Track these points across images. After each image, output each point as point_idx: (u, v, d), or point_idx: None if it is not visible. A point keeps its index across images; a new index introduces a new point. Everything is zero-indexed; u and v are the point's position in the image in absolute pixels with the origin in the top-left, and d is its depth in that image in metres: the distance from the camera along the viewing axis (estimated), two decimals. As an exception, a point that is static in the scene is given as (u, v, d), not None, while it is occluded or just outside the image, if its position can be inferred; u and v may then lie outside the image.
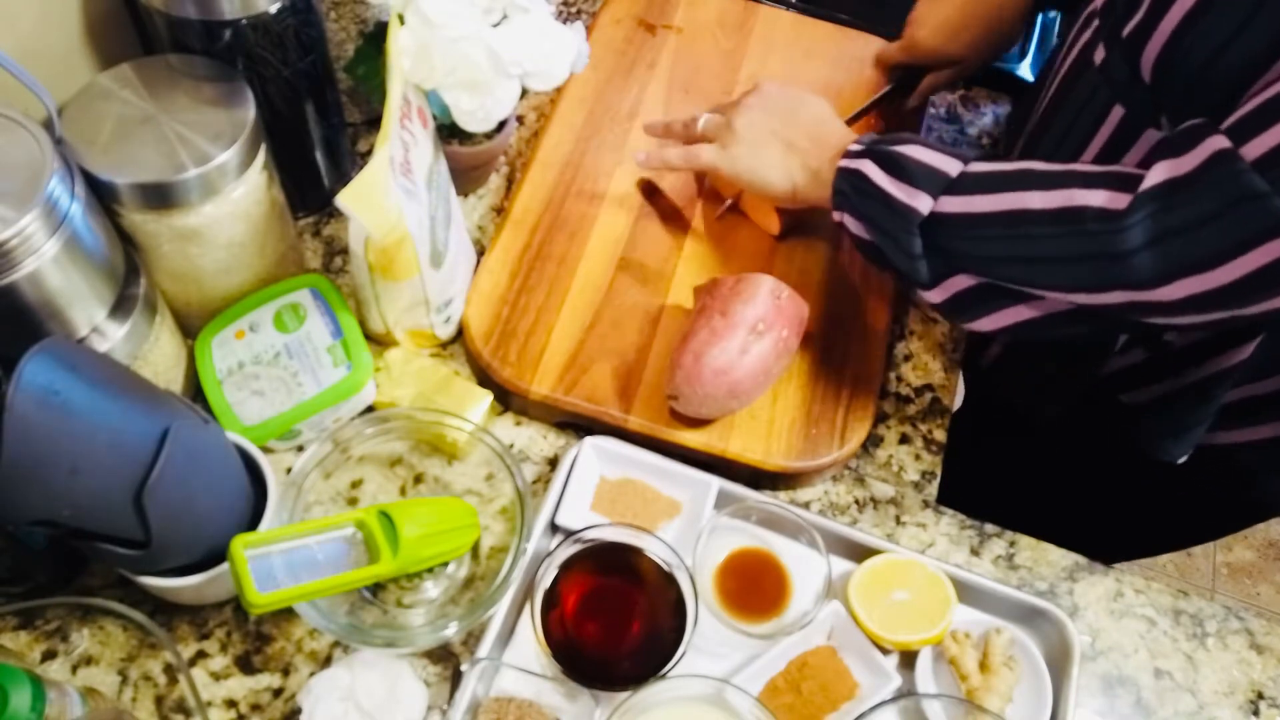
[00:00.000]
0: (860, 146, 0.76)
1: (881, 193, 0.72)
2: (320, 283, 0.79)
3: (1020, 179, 0.68)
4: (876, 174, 0.73)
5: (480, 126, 0.75)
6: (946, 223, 0.70)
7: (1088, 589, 0.79)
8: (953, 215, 0.69)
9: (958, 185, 0.70)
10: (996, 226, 0.68)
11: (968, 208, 0.69)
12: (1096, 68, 0.74)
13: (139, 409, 0.60)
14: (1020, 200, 0.66)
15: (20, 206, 0.58)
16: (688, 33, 1.04)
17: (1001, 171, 0.69)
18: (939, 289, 0.72)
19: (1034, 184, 0.67)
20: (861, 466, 0.83)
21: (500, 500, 0.74)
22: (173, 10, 0.70)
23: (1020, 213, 0.66)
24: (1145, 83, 0.69)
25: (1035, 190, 0.66)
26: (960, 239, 0.70)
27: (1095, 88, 0.74)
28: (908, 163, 0.71)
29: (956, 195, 0.69)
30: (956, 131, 1.04)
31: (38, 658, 0.69)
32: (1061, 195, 0.65)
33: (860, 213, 0.75)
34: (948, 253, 0.71)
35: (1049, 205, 0.65)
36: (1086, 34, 0.76)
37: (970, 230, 0.69)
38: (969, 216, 0.69)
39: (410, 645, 0.68)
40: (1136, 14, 0.68)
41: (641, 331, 0.84)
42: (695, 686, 0.66)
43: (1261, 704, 0.75)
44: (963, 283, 0.71)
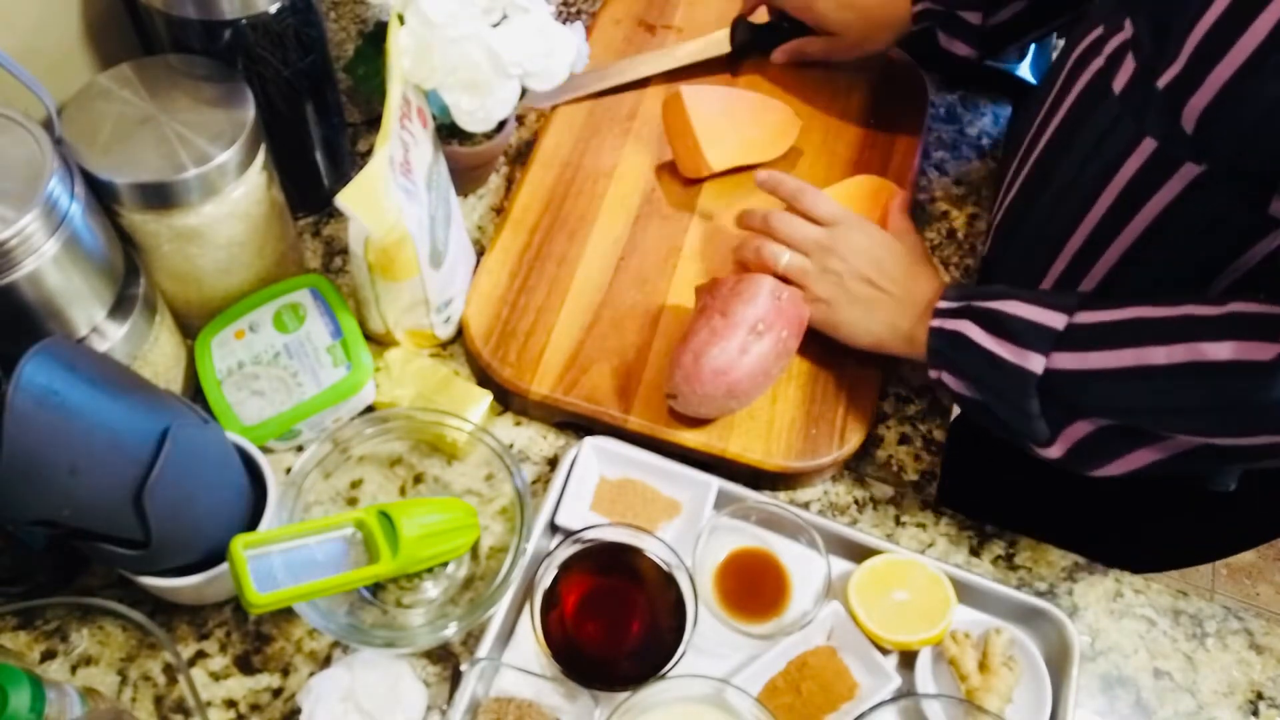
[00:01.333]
0: (953, 304, 0.73)
1: (988, 354, 0.70)
2: (320, 283, 0.79)
3: (1135, 331, 0.66)
4: (979, 335, 0.71)
5: (480, 126, 0.75)
6: (1063, 379, 0.68)
7: (1087, 589, 0.79)
8: (1069, 372, 0.67)
9: (1068, 340, 0.68)
10: (1120, 382, 0.66)
11: (1084, 364, 0.67)
12: (1117, 96, 0.71)
13: (139, 409, 0.60)
14: (1141, 356, 0.65)
15: (20, 206, 0.58)
16: (688, 33, 1.04)
17: (1114, 322, 0.67)
18: (1058, 443, 0.71)
19: (1151, 337, 0.64)
20: (861, 466, 0.83)
21: (500, 500, 0.74)
22: (173, 10, 0.70)
23: (1144, 369, 0.64)
24: (1186, 132, 0.66)
25: (1155, 345, 0.64)
26: (1080, 394, 0.68)
27: (1117, 117, 0.71)
28: (1009, 320, 0.69)
29: (1069, 351, 0.68)
30: (956, 132, 1.04)
31: (37, 658, 0.69)
32: (1184, 349, 0.63)
33: (964, 373, 0.73)
34: (1066, 405, 0.69)
35: (1173, 360, 0.63)
36: (1099, 60, 0.73)
37: (1092, 386, 0.67)
38: (1088, 374, 0.67)
39: (410, 645, 0.68)
40: (1175, 64, 0.65)
41: (641, 331, 0.84)
42: (695, 686, 0.66)
43: (1261, 704, 0.75)
44: (1082, 429, 0.70)
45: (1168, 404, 0.65)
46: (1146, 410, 0.67)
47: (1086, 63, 0.75)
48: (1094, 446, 0.70)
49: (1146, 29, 0.69)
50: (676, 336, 0.81)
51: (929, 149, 1.02)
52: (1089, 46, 0.75)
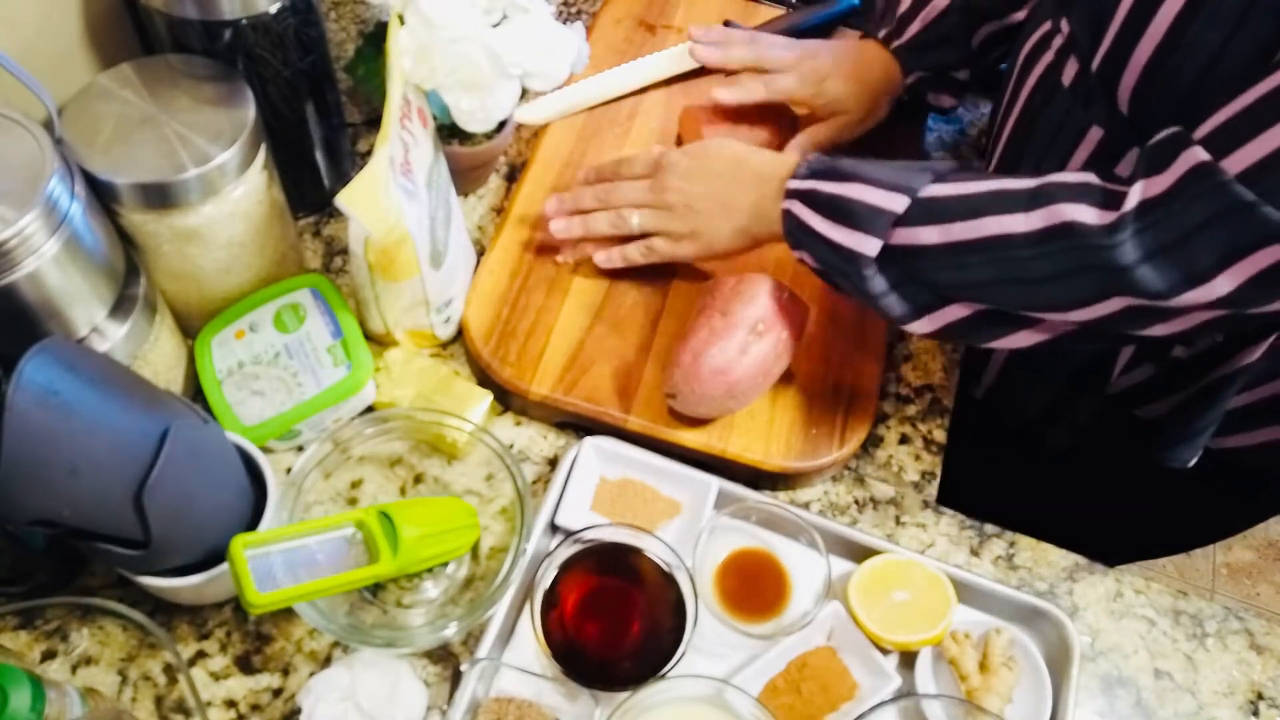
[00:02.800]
0: (796, 185, 0.73)
1: (821, 237, 0.71)
2: (320, 283, 0.79)
3: (993, 201, 0.66)
4: (812, 218, 0.72)
5: (480, 127, 0.75)
6: (915, 254, 0.68)
7: (1087, 589, 0.79)
8: (921, 246, 0.68)
9: (916, 214, 0.68)
10: (977, 253, 0.66)
11: (940, 238, 0.67)
12: (1067, 89, 0.72)
13: (139, 409, 0.60)
14: (999, 224, 0.65)
15: (20, 206, 0.58)
16: (688, 33, 1.04)
17: (970, 194, 0.67)
18: (926, 319, 0.71)
19: (1010, 205, 0.65)
20: (861, 466, 0.83)
21: (500, 500, 0.74)
22: (173, 10, 0.70)
23: (1003, 237, 0.65)
24: (1123, 114, 0.68)
25: (1014, 213, 0.64)
26: (937, 269, 0.68)
27: (1068, 109, 0.73)
28: (846, 203, 0.70)
29: (919, 226, 0.67)
30: (956, 132, 1.04)
31: (37, 658, 0.69)
32: (1043, 214, 0.63)
33: (813, 254, 0.74)
34: (929, 283, 0.69)
35: (1032, 227, 0.64)
36: (1049, 54, 0.74)
37: (949, 258, 0.67)
38: (943, 246, 0.67)
39: (410, 645, 0.68)
40: (1101, 46, 0.67)
41: (641, 331, 0.84)
42: (695, 687, 0.66)
43: (1261, 704, 0.75)
44: (956, 313, 0.70)
45: (1028, 273, 0.64)
46: (1009, 280, 0.66)
47: (1037, 58, 0.76)
48: (967, 328, 0.71)
49: (1081, 24, 0.70)
50: (676, 336, 0.81)
51: (929, 149, 1.02)
52: (1038, 42, 0.76)
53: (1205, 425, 0.82)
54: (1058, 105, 0.74)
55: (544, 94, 0.94)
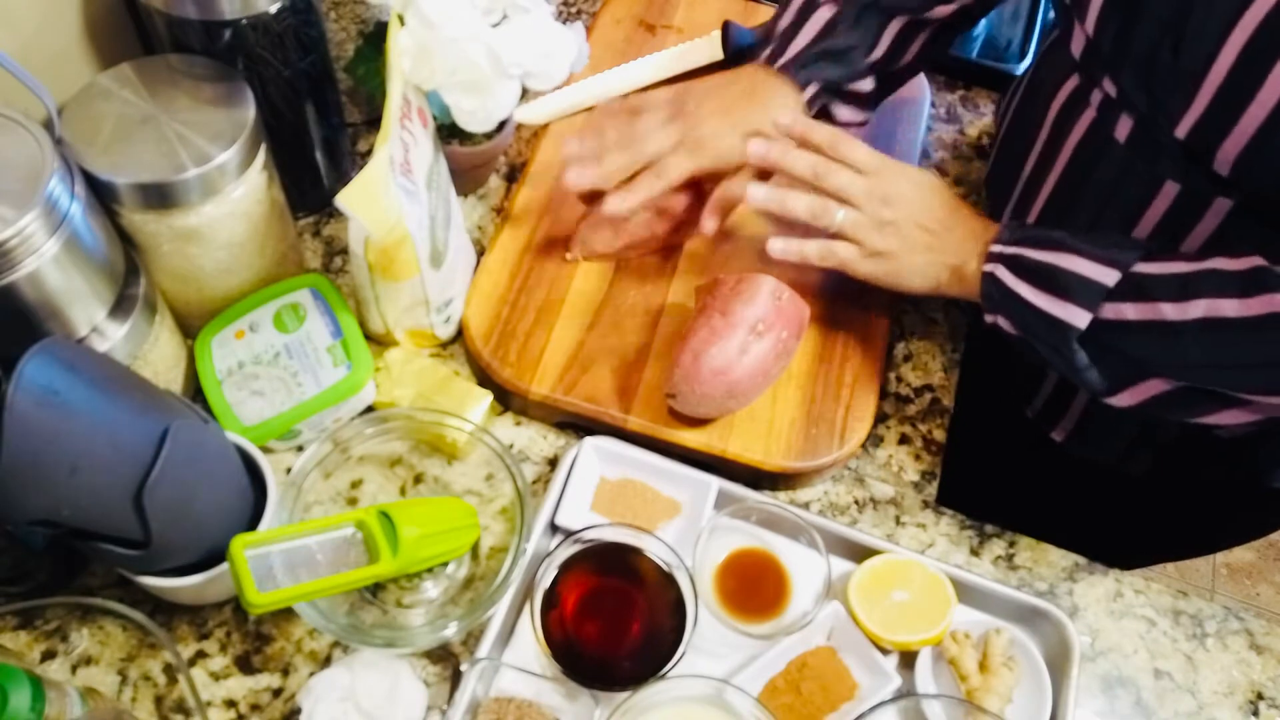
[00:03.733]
0: (1006, 249, 0.72)
1: (1028, 305, 0.70)
2: (320, 283, 0.79)
3: (1205, 283, 0.64)
4: (1018, 285, 0.70)
5: (480, 127, 0.75)
6: (1123, 330, 0.67)
7: (1087, 589, 0.79)
8: (1129, 323, 0.67)
9: (1126, 291, 0.66)
10: (1188, 336, 0.65)
11: (1148, 315, 0.66)
12: (1123, 145, 0.70)
13: (139, 409, 0.60)
14: (1211, 308, 0.63)
15: (20, 206, 0.58)
16: (688, 33, 1.04)
17: (1181, 274, 0.65)
18: (1127, 393, 0.71)
19: (1222, 288, 0.63)
20: (861, 466, 0.83)
21: (500, 500, 0.74)
22: (173, 10, 0.70)
23: (1215, 321, 0.63)
24: (1222, 176, 0.65)
25: (1227, 297, 0.63)
26: (1144, 346, 0.67)
27: (1128, 164, 0.71)
28: (1056, 273, 0.68)
29: (1128, 302, 0.66)
30: (956, 132, 1.04)
31: (37, 658, 0.69)
32: (1260, 302, 0.62)
33: (1013, 321, 0.72)
34: (1131, 359, 0.69)
35: (1247, 313, 0.62)
36: (1089, 111, 0.72)
37: (1158, 339, 0.66)
38: (1153, 324, 0.66)
39: (410, 645, 0.68)
40: (1190, 112, 0.63)
41: (641, 331, 0.84)
42: (695, 687, 0.66)
43: (1261, 704, 0.75)
44: (1158, 387, 0.69)
45: (1233, 359, 0.64)
46: (1218, 365, 0.65)
47: (1076, 113, 0.74)
48: (1170, 403, 0.69)
49: (1135, 86, 0.67)
50: (676, 336, 0.81)
51: (929, 149, 1.02)
52: (1073, 95, 0.74)
53: None
54: (1113, 162, 0.72)
55: (544, 94, 0.94)
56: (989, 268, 0.72)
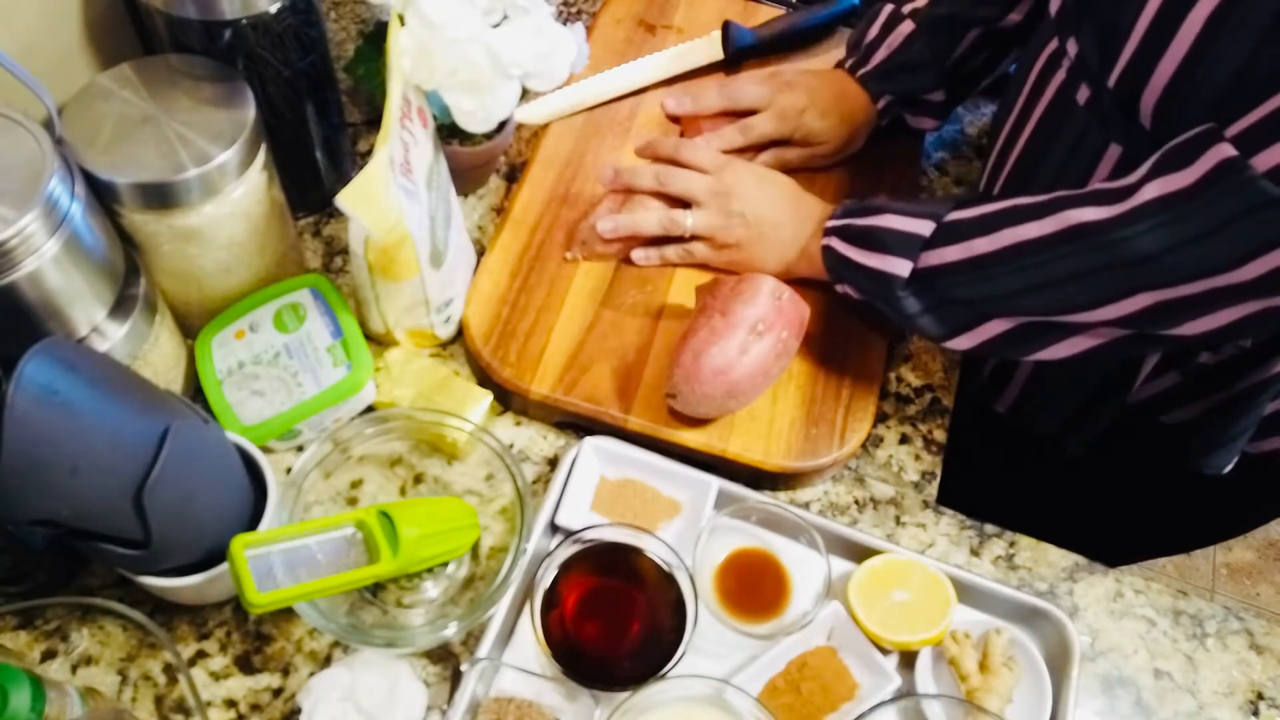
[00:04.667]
0: (833, 223, 0.79)
1: (861, 266, 0.76)
2: (320, 283, 0.79)
3: (1008, 216, 0.70)
4: (848, 250, 0.77)
5: (480, 127, 0.75)
6: (944, 273, 0.72)
7: (1087, 589, 0.79)
8: (948, 265, 0.72)
9: (941, 237, 0.72)
10: (999, 264, 0.70)
11: (963, 254, 0.71)
12: (1082, 108, 0.73)
13: (139, 409, 0.60)
14: (1014, 234, 0.69)
15: (20, 206, 0.58)
16: (688, 33, 1.04)
17: (987, 213, 0.71)
18: (965, 336, 0.74)
19: (1023, 217, 0.69)
20: (861, 466, 0.83)
21: (500, 500, 0.74)
22: (173, 10, 0.70)
23: (1019, 245, 0.68)
24: (1145, 128, 0.68)
25: (1027, 222, 0.68)
26: (966, 285, 0.72)
27: (1084, 128, 0.73)
28: (878, 233, 0.75)
29: (944, 246, 0.72)
30: (956, 131, 1.04)
31: (37, 657, 0.69)
32: (1055, 220, 0.67)
33: (852, 284, 0.79)
34: (961, 301, 0.73)
35: (1045, 231, 0.67)
36: (1059, 74, 0.74)
37: (973, 273, 0.71)
38: (967, 261, 0.71)
39: (410, 645, 0.68)
40: (1117, 65, 0.67)
41: (641, 331, 0.84)
42: (695, 687, 0.66)
43: (1261, 704, 0.75)
44: (995, 328, 0.73)
45: (1051, 275, 0.67)
46: (1034, 287, 0.69)
47: (1050, 75, 0.76)
48: (1007, 341, 0.73)
49: (1090, 46, 0.70)
50: (676, 336, 0.81)
51: (929, 149, 1.02)
52: (1049, 58, 0.76)
53: (1241, 431, 0.82)
54: (1073, 125, 0.74)
55: (544, 94, 0.94)
56: (825, 241, 0.79)
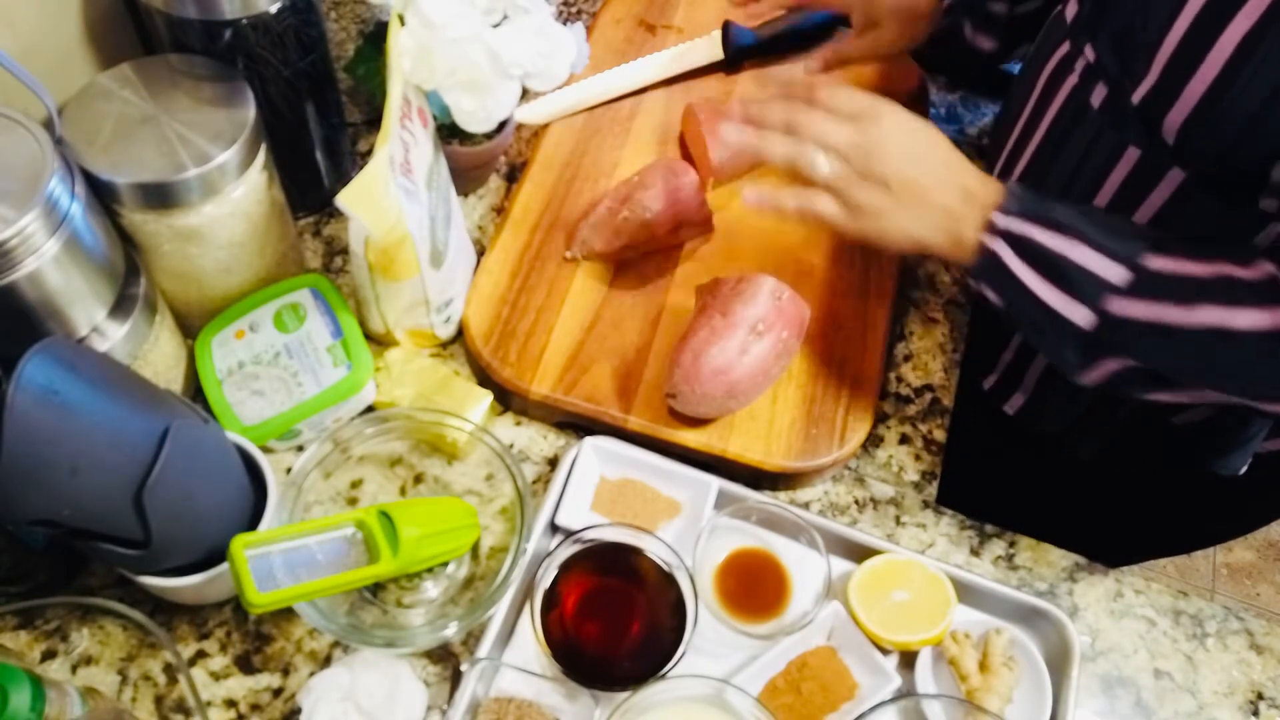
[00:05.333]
0: (1009, 223, 0.67)
1: (1029, 293, 0.66)
2: (320, 283, 0.79)
3: (1216, 291, 0.63)
4: (1022, 270, 0.66)
5: (481, 127, 0.75)
6: (1123, 328, 0.65)
7: (1088, 589, 0.79)
8: (1131, 320, 0.64)
9: (1132, 288, 0.64)
10: (1190, 342, 0.63)
11: (1152, 316, 0.64)
12: (1096, 111, 0.71)
13: (139, 409, 0.60)
14: (1220, 317, 0.62)
15: (20, 206, 0.58)
16: (688, 33, 1.04)
17: (1192, 277, 0.63)
18: (1091, 372, 0.69)
19: (1235, 297, 0.62)
20: (861, 466, 0.83)
21: (500, 500, 0.74)
22: (173, 10, 0.70)
23: (1222, 331, 0.62)
24: (1167, 144, 0.66)
25: (1239, 307, 0.62)
26: (1138, 344, 0.65)
27: (1099, 131, 0.71)
28: (1067, 266, 0.65)
29: (1132, 299, 0.64)
30: (956, 132, 1.04)
31: (38, 657, 0.69)
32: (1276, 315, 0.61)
33: (1005, 298, 0.69)
34: (1114, 345, 0.66)
35: (1258, 326, 0.61)
36: (1073, 78, 0.73)
37: (1158, 340, 0.64)
38: (1155, 325, 0.64)
39: (410, 645, 0.68)
40: (1146, 80, 0.65)
41: (641, 331, 0.84)
42: (695, 686, 0.66)
43: (1261, 704, 0.75)
44: (1114, 365, 0.67)
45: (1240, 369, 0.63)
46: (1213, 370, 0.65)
47: (1062, 78, 0.75)
48: (1125, 380, 0.68)
49: (1108, 51, 0.69)
50: (676, 336, 0.81)
51: (929, 149, 1.02)
52: (1061, 61, 0.75)
53: (1256, 432, 0.81)
54: (1087, 127, 0.73)
55: (544, 94, 0.94)
56: (991, 243, 0.67)
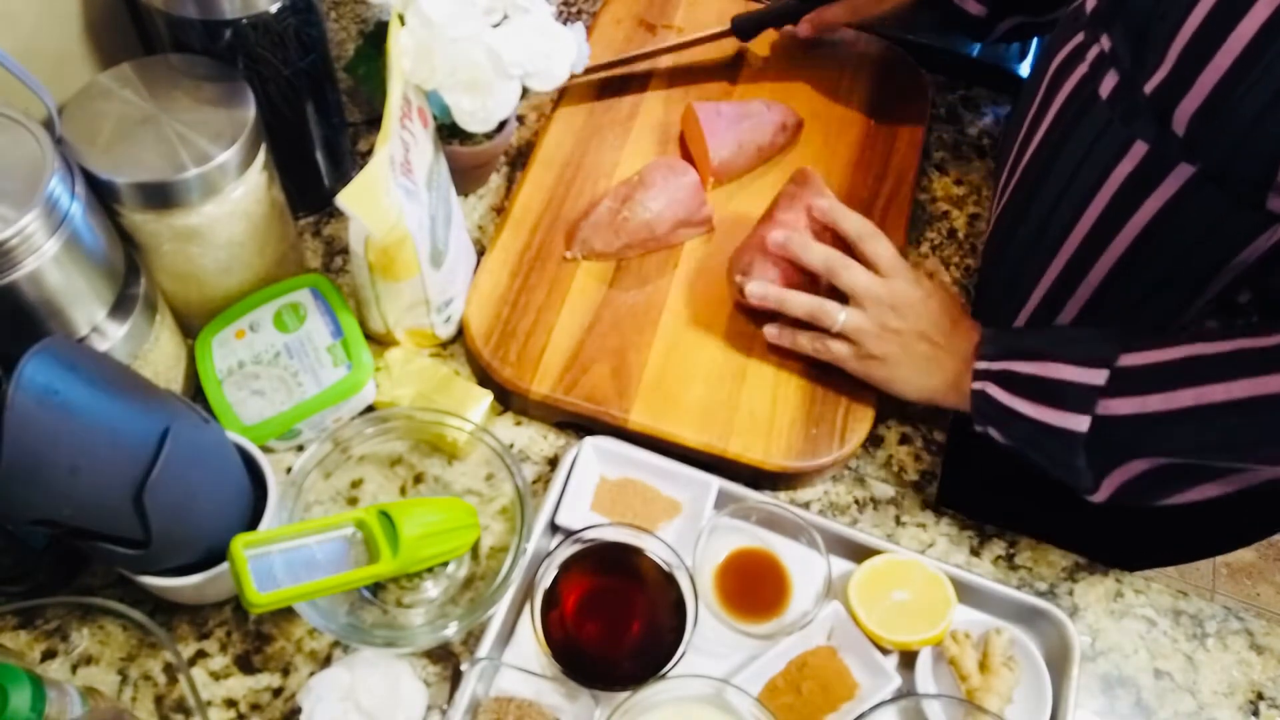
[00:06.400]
0: (991, 365, 0.73)
1: (1024, 418, 0.71)
2: (320, 282, 0.79)
3: (1187, 372, 0.65)
4: (1010, 399, 0.71)
5: (481, 127, 0.75)
6: (1116, 425, 0.68)
7: (1088, 589, 0.79)
8: (1123, 418, 0.67)
9: (1114, 389, 0.67)
10: (1181, 424, 0.65)
11: (1140, 409, 0.66)
12: (1104, 101, 0.71)
13: (139, 408, 0.60)
14: (1201, 395, 0.64)
15: (20, 206, 0.58)
16: (688, 32, 1.04)
17: (1165, 363, 0.66)
18: (1104, 485, 0.71)
19: (1206, 374, 0.64)
20: (861, 466, 0.83)
21: (500, 500, 0.74)
22: (173, 10, 0.70)
23: (1204, 408, 0.64)
24: (1177, 135, 0.66)
25: (1211, 383, 0.64)
26: (1136, 438, 0.68)
27: (1107, 123, 0.71)
28: (1048, 383, 0.69)
29: (1120, 398, 0.67)
30: (956, 131, 1.04)
31: (38, 657, 0.69)
32: (1248, 385, 0.62)
33: (1008, 433, 0.73)
34: (1119, 448, 0.69)
35: (1235, 396, 0.63)
36: (1083, 66, 0.73)
37: (1149, 428, 0.67)
38: (1143, 418, 0.66)
39: (410, 645, 0.68)
40: (1160, 70, 0.65)
41: (641, 331, 0.84)
42: (695, 686, 0.66)
43: (1261, 704, 0.75)
44: (1136, 468, 0.69)
45: (1241, 437, 0.64)
46: (1219, 445, 0.66)
47: (1071, 69, 0.75)
48: (1147, 484, 0.70)
49: (1123, 41, 0.69)
50: (676, 336, 0.81)
51: (929, 149, 1.02)
52: (1072, 52, 0.75)
53: None
54: (1094, 118, 0.72)
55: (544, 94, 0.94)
56: (978, 386, 0.74)
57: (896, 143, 0.98)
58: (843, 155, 0.97)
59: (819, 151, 0.97)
